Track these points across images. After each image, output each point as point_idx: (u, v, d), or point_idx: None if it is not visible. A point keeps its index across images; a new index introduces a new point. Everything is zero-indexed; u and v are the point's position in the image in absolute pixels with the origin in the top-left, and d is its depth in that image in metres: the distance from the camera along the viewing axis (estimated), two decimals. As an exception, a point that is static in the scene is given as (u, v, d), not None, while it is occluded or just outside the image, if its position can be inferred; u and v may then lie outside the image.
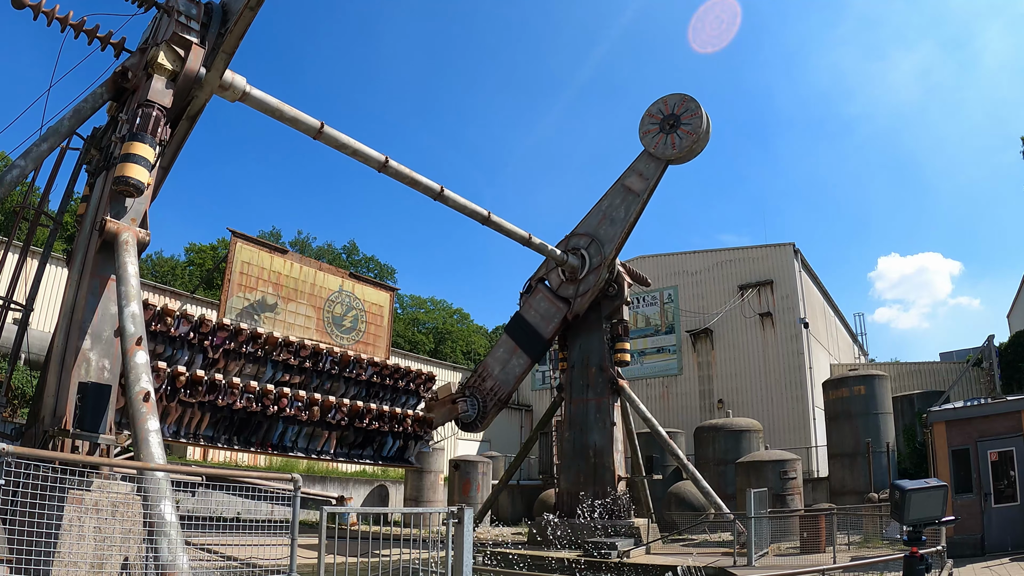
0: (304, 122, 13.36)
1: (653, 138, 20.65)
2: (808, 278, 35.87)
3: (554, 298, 21.22)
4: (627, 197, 20.76)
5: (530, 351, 21.04)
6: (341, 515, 20.32)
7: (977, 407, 17.11)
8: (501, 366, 21.14)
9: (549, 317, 21.05)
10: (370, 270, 62.57)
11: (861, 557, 14.43)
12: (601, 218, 21.12)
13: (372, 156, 14.67)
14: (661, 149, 20.40)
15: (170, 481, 7.77)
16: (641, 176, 20.65)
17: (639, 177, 20.68)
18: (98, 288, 9.95)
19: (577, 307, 20.75)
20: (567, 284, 21.29)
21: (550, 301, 21.21)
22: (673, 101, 20.63)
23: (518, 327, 21.48)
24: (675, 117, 20.38)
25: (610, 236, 20.70)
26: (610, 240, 20.66)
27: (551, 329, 20.97)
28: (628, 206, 20.65)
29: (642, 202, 20.52)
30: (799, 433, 31.24)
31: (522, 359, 21.00)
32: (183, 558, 7.16)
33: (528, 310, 21.48)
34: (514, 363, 21.01)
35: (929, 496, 5.03)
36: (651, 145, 20.62)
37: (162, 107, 10.53)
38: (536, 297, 21.52)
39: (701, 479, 19.25)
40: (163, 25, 10.97)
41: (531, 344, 21.01)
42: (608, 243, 20.66)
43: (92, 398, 8.93)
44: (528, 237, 19.02)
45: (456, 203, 16.87)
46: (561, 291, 21.31)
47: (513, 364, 20.99)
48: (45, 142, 10.07)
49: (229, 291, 26.38)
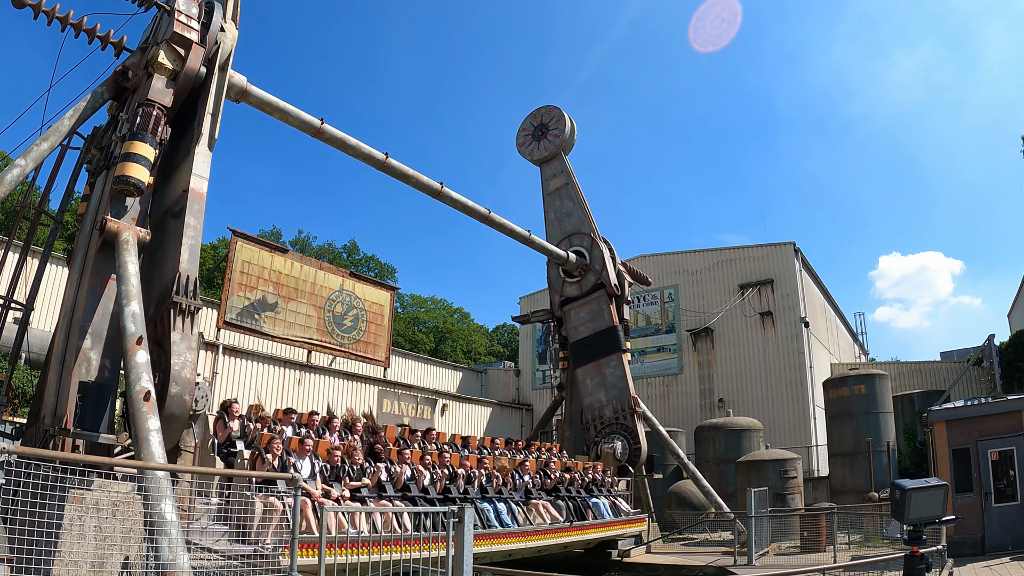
0: (304, 120, 13.37)
1: (528, 147, 23.99)
2: (808, 277, 35.86)
3: (584, 297, 21.52)
4: (563, 192, 23.06)
5: (612, 347, 21.01)
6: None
7: (977, 406, 17.11)
8: (602, 388, 21.05)
9: (598, 311, 21.26)
10: (370, 269, 62.58)
11: (861, 556, 14.44)
12: (559, 222, 22.85)
13: (372, 154, 14.69)
14: (537, 154, 23.67)
15: (170, 480, 7.78)
16: (556, 176, 23.38)
17: (555, 177, 23.37)
18: (98, 287, 9.97)
19: (607, 279, 21.34)
20: (570, 283, 21.39)
21: (585, 302, 21.48)
22: (541, 113, 24.03)
23: (584, 349, 21.42)
24: (544, 126, 23.77)
25: (580, 220, 22.52)
26: (583, 222, 22.40)
27: (610, 311, 21.12)
28: (570, 195, 22.91)
29: (575, 184, 22.93)
30: (799, 432, 31.22)
31: (613, 359, 20.99)
32: (183, 557, 7.17)
33: (577, 329, 21.60)
34: (609, 371, 21.01)
35: (929, 495, 5.03)
36: (527, 153, 23.98)
37: (162, 106, 10.54)
38: (572, 313, 21.70)
39: (701, 478, 19.28)
40: (163, 24, 10.98)
41: (607, 342, 21.00)
42: (584, 224, 22.28)
43: (92, 397, 8.94)
44: (528, 235, 19.04)
45: (455, 201, 16.88)
46: (568, 291, 21.57)
47: (609, 373, 21.01)
48: (45, 141, 10.08)
49: (230, 290, 26.39)
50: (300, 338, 29.44)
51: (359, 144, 14.46)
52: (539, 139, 23.68)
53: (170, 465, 8.48)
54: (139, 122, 10.21)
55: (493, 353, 66.57)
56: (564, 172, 23.23)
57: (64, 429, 8.89)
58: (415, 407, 33.93)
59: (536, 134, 23.78)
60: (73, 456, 7.17)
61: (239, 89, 12.28)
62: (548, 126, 23.56)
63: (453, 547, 8.16)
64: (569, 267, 21.14)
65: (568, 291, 21.69)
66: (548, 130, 23.55)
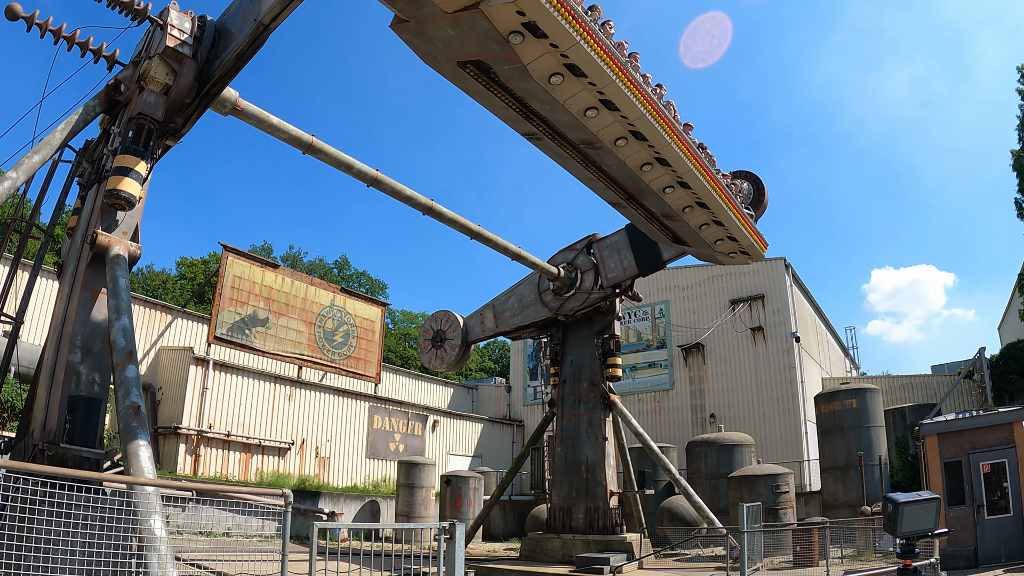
0: (295, 136, 13.38)
1: (427, 353, 23.73)
2: (799, 292, 36.01)
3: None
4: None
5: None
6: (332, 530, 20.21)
7: (969, 419, 17.16)
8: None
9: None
10: (361, 285, 62.49)
11: (854, 570, 14.43)
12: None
13: (363, 170, 14.69)
14: (436, 364, 23.49)
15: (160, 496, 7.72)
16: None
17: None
18: (89, 301, 9.92)
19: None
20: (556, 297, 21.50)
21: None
22: (441, 317, 23.85)
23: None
24: (442, 332, 23.58)
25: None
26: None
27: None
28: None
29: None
30: (791, 447, 31.23)
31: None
32: (173, 573, 7.10)
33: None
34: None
35: (922, 508, 5.04)
36: (427, 360, 23.75)
37: (154, 120, 10.54)
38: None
39: (693, 493, 19.20)
40: (156, 38, 10.98)
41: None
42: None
43: (82, 412, 8.87)
44: (519, 251, 19.06)
45: (446, 217, 16.89)
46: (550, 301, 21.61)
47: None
48: (37, 154, 10.05)
49: (220, 305, 26.35)
50: (291, 354, 29.42)
51: (350, 160, 14.47)
52: (438, 347, 23.55)
53: (160, 480, 8.41)
54: (131, 136, 10.21)
55: (484, 369, 66.47)
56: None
57: (53, 443, 8.82)
58: (406, 423, 33.82)
59: (436, 340, 23.68)
60: (62, 471, 7.11)
61: (230, 103, 12.29)
62: (446, 333, 23.55)
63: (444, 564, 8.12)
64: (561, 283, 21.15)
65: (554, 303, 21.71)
66: (446, 339, 23.45)
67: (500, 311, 23.03)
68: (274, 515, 9.23)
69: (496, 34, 8.55)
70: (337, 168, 14.44)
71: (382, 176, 15.04)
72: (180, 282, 52.89)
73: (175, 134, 11.66)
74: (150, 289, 50.01)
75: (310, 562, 7.53)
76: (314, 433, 29.13)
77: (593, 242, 21.42)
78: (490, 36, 8.63)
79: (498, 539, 28.16)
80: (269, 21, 10.22)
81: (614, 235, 20.96)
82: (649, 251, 19.92)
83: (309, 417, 29.12)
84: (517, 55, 8.94)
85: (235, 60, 10.76)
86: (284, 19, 10.27)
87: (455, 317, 23.60)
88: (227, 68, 10.92)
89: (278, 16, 10.17)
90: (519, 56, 8.98)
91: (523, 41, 8.70)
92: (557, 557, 18.66)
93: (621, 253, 20.67)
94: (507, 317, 22.81)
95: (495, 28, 8.43)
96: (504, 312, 22.91)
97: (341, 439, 30.33)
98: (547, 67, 9.33)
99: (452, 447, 36.74)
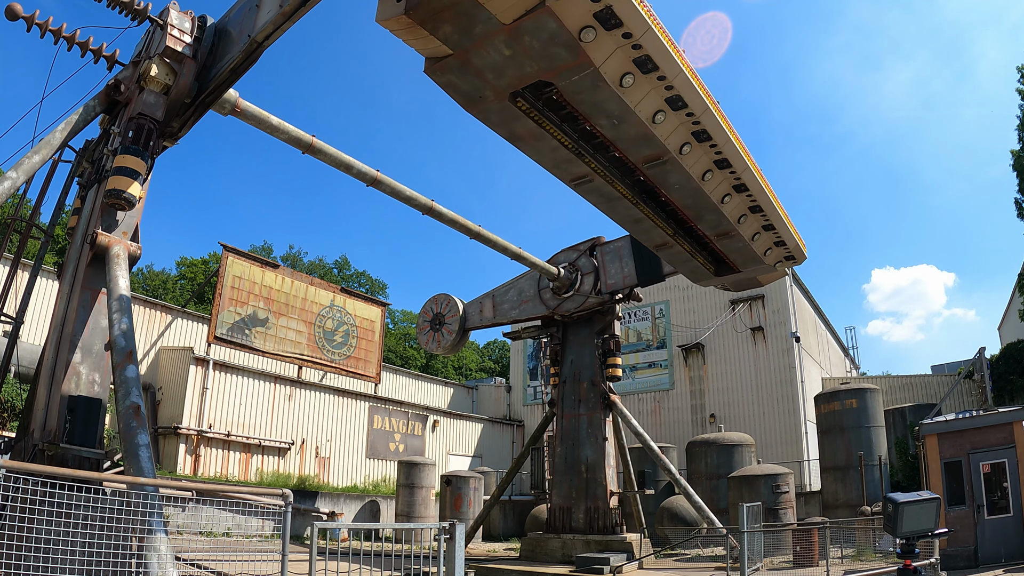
0: (295, 136, 13.38)
1: (425, 334, 24.23)
2: (799, 292, 36.00)
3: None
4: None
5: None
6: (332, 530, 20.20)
7: (969, 419, 17.14)
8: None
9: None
10: (361, 285, 62.50)
11: (855, 570, 14.43)
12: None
13: (363, 170, 14.69)
14: (432, 346, 24.02)
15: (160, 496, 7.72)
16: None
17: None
18: (89, 301, 9.92)
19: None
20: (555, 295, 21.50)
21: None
22: (441, 300, 24.18)
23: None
24: (441, 316, 23.96)
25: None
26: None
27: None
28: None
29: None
30: (791, 447, 31.23)
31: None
32: (173, 573, 7.10)
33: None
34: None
35: (922, 508, 5.04)
36: (424, 342, 24.34)
37: (155, 120, 10.54)
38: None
39: (693, 494, 19.20)
40: (156, 39, 10.98)
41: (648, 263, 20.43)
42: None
43: (82, 412, 8.88)
44: (519, 251, 19.06)
45: (446, 217, 16.89)
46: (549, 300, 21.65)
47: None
48: (37, 154, 10.05)
49: (220, 305, 26.35)
50: (291, 353, 29.43)
51: (351, 160, 14.47)
52: (437, 329, 23.99)
53: (160, 480, 8.41)
54: (131, 136, 10.21)
55: (484, 369, 66.49)
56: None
57: (53, 444, 8.82)
58: (406, 423, 33.82)
59: (435, 323, 24.07)
60: (62, 471, 7.11)
61: (231, 104, 12.29)
62: (444, 317, 23.87)
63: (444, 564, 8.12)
64: (560, 283, 21.16)
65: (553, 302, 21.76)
66: (444, 323, 23.79)
67: (499, 302, 23.15)
68: (274, 515, 9.23)
69: (566, 34, 7.77)
70: (337, 168, 14.44)
71: (382, 176, 15.05)
72: (180, 282, 52.90)
73: (172, 136, 11.66)
74: (150, 289, 50.02)
75: (310, 562, 7.52)
76: (314, 433, 29.13)
77: (597, 245, 21.43)
78: (557, 40, 7.87)
79: (498, 539, 28.16)
80: (263, 39, 10.20)
81: (618, 240, 20.95)
82: (650, 263, 19.94)
83: (309, 417, 29.12)
84: (589, 56, 8.13)
85: (230, 73, 10.78)
86: (278, 38, 10.22)
87: (455, 302, 23.79)
88: (222, 80, 10.93)
89: (271, 35, 10.12)
90: (591, 58, 8.15)
91: (595, 38, 7.92)
92: (557, 557, 18.67)
93: (623, 260, 20.68)
94: (505, 309, 22.89)
95: (565, 27, 7.64)
96: (503, 304, 23.00)
97: (341, 439, 30.33)
98: (619, 66, 8.56)
99: (452, 447, 36.74)
